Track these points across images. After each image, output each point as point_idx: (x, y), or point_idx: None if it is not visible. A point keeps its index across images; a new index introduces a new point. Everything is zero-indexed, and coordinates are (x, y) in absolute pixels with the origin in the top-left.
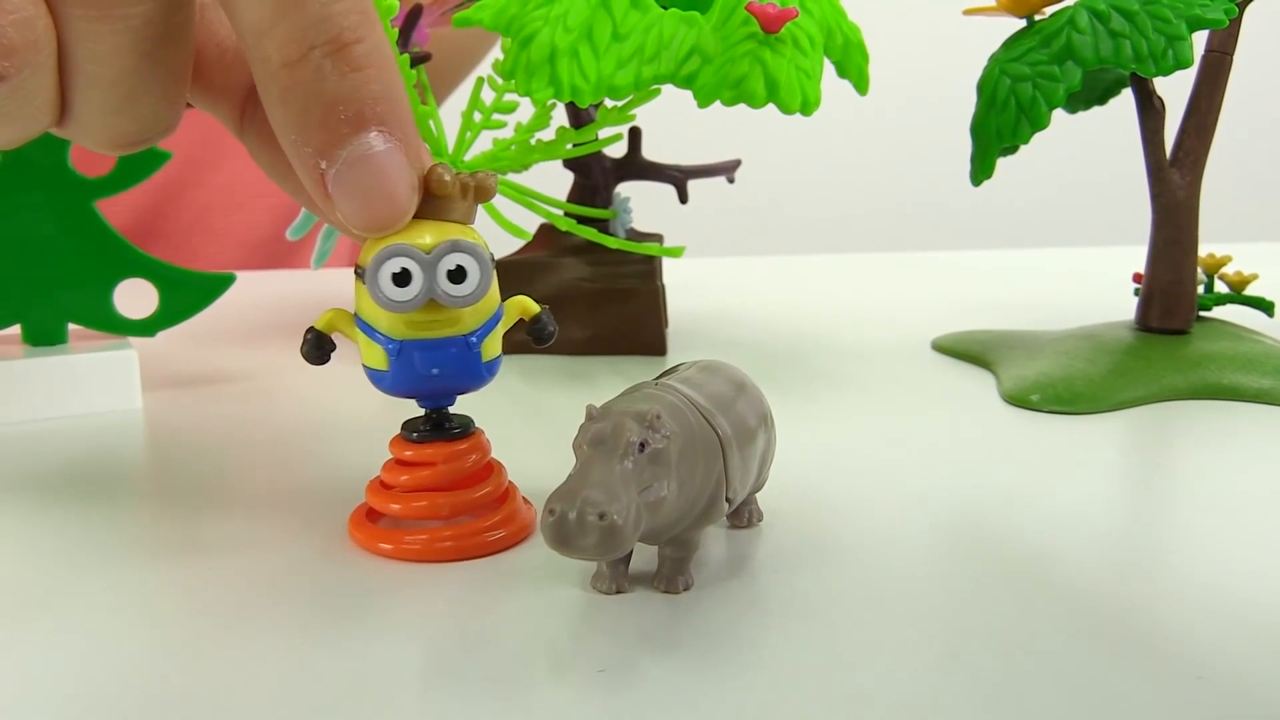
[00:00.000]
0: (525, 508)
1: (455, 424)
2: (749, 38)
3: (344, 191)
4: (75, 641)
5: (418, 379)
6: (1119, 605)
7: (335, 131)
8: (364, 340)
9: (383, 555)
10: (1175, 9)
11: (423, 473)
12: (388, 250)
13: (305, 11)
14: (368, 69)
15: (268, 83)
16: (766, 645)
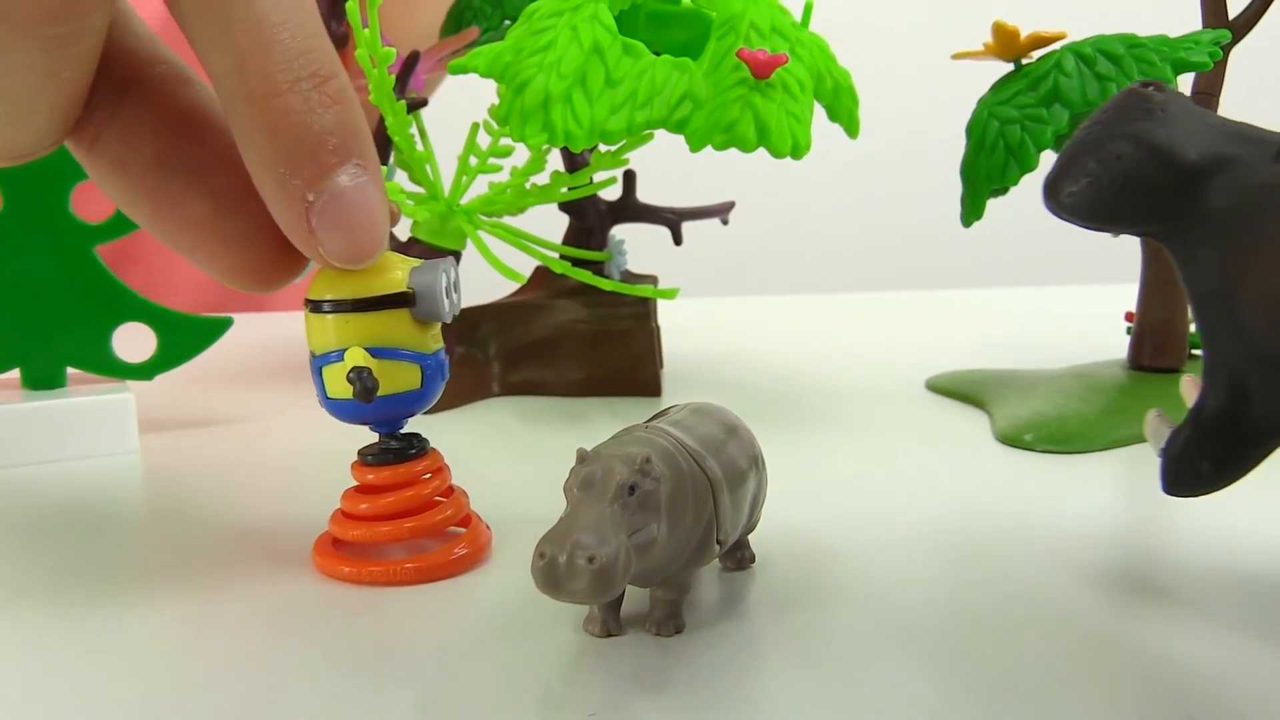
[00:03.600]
0: (485, 532)
1: (416, 443)
2: (740, 83)
3: (329, 224)
4: (69, 683)
5: (439, 387)
6: (1114, 646)
7: (323, 162)
8: (394, 367)
9: (346, 579)
10: (1160, 52)
11: (393, 496)
12: (440, 265)
13: (289, 46)
14: (345, 102)
15: (253, 115)
16: (759, 688)
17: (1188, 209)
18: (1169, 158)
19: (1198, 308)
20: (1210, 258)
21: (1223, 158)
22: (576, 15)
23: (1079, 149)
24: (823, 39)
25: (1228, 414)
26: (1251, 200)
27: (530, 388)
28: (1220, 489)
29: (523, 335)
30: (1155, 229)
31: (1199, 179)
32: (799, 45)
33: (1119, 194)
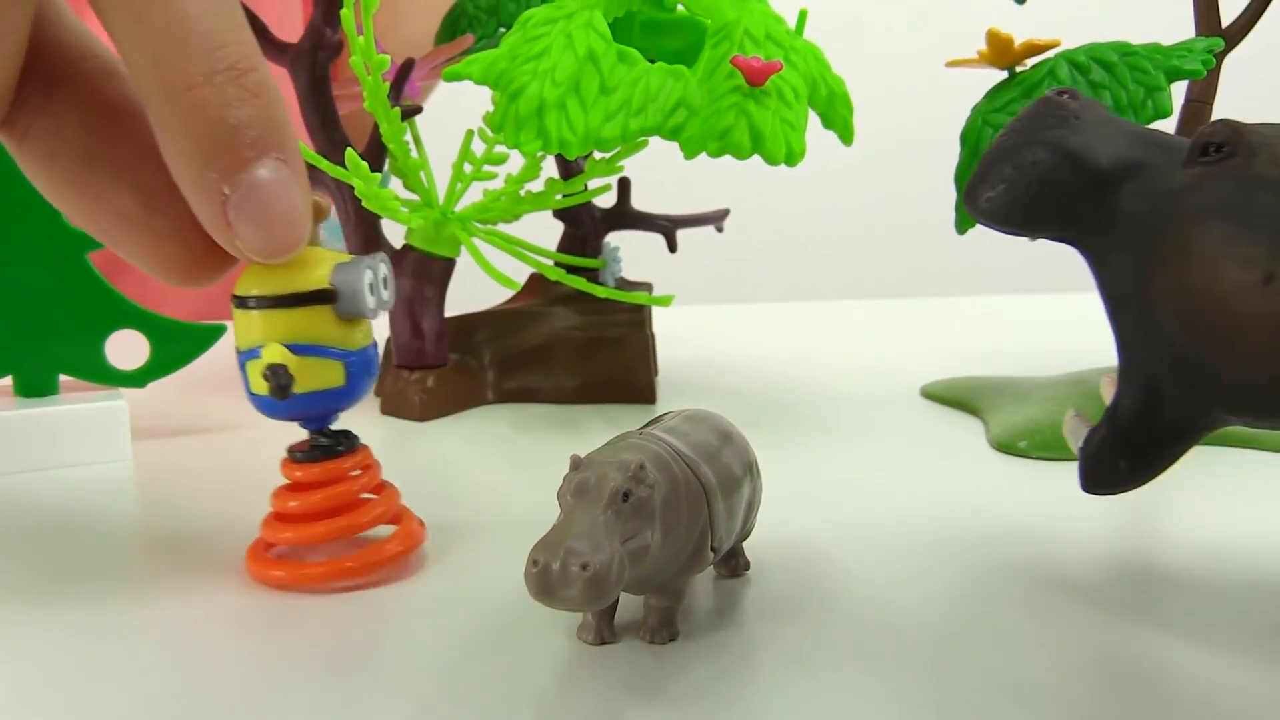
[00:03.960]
0: (419, 526)
1: (346, 440)
2: (734, 90)
3: (246, 218)
4: (60, 688)
5: (366, 384)
6: (1109, 652)
7: (239, 156)
8: (314, 364)
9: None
10: (1154, 60)
11: (323, 492)
12: (363, 262)
13: (205, 39)
14: (262, 96)
15: (168, 109)
16: (754, 696)
17: (1101, 214)
18: (1082, 164)
19: (1112, 310)
20: (1123, 261)
21: (1134, 163)
22: (571, 23)
23: (996, 155)
24: (817, 46)
25: (1142, 414)
26: (1162, 205)
27: (525, 395)
28: (1136, 487)
29: (517, 342)
30: (1070, 234)
31: (1111, 184)
32: (793, 52)
33: (1035, 199)
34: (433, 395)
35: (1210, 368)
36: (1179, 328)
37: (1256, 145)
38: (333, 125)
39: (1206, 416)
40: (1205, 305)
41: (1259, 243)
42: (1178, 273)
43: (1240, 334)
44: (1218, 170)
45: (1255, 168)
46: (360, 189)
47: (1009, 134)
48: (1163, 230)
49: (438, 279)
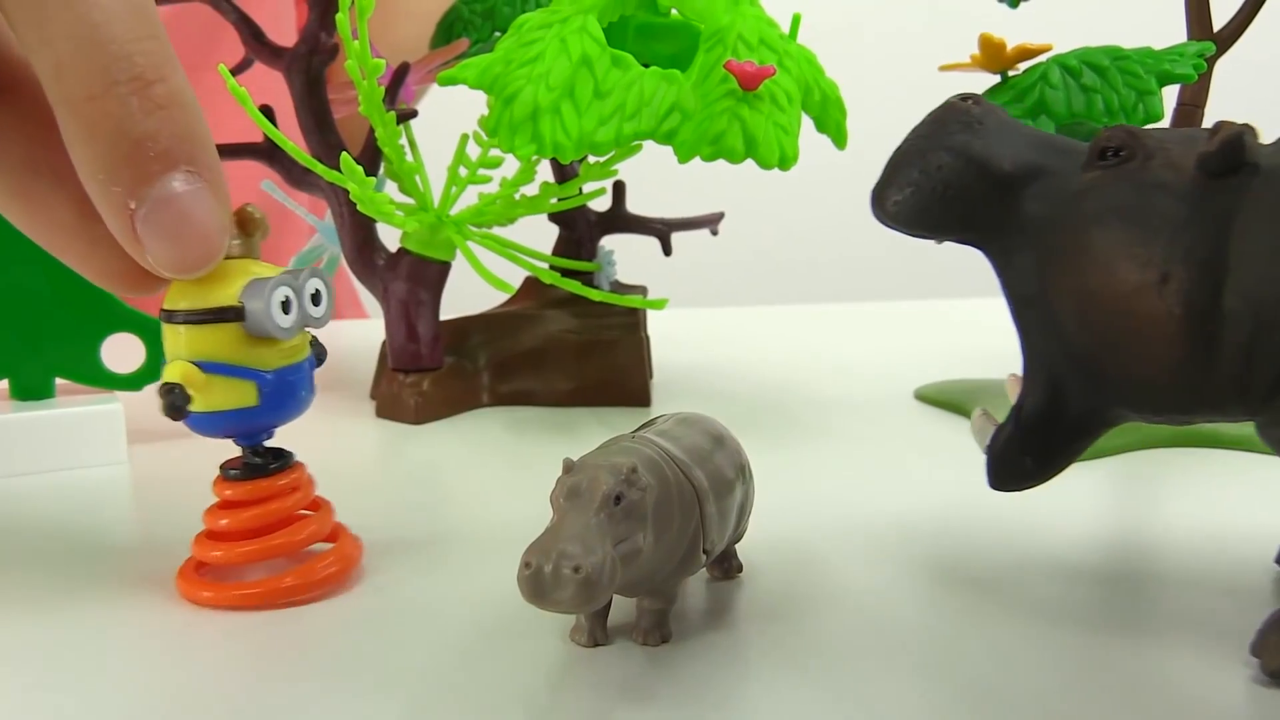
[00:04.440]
0: (355, 544)
1: (279, 457)
2: (728, 95)
3: (154, 232)
4: (54, 688)
5: (290, 405)
6: (1102, 651)
7: (144, 169)
8: (219, 384)
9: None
10: (1145, 64)
11: (252, 511)
12: (273, 281)
13: (108, 49)
14: (172, 107)
15: (71, 119)
16: (746, 698)
17: (1005, 217)
18: (986, 168)
19: (1016, 311)
20: (1026, 263)
21: (1036, 167)
22: (565, 28)
23: (902, 159)
24: (811, 51)
25: (1047, 411)
26: (1063, 207)
27: (519, 398)
28: (1042, 483)
29: (512, 346)
30: (974, 236)
31: (1014, 188)
32: (787, 57)
33: (940, 203)
34: (428, 398)
35: (1112, 365)
36: (1081, 326)
37: (1153, 149)
38: (328, 129)
39: (1108, 412)
40: (1106, 305)
41: (1156, 244)
42: (1079, 273)
43: (1139, 332)
44: (1115, 174)
45: (1151, 171)
46: (355, 193)
47: (914, 139)
48: (1064, 232)
49: (433, 282)
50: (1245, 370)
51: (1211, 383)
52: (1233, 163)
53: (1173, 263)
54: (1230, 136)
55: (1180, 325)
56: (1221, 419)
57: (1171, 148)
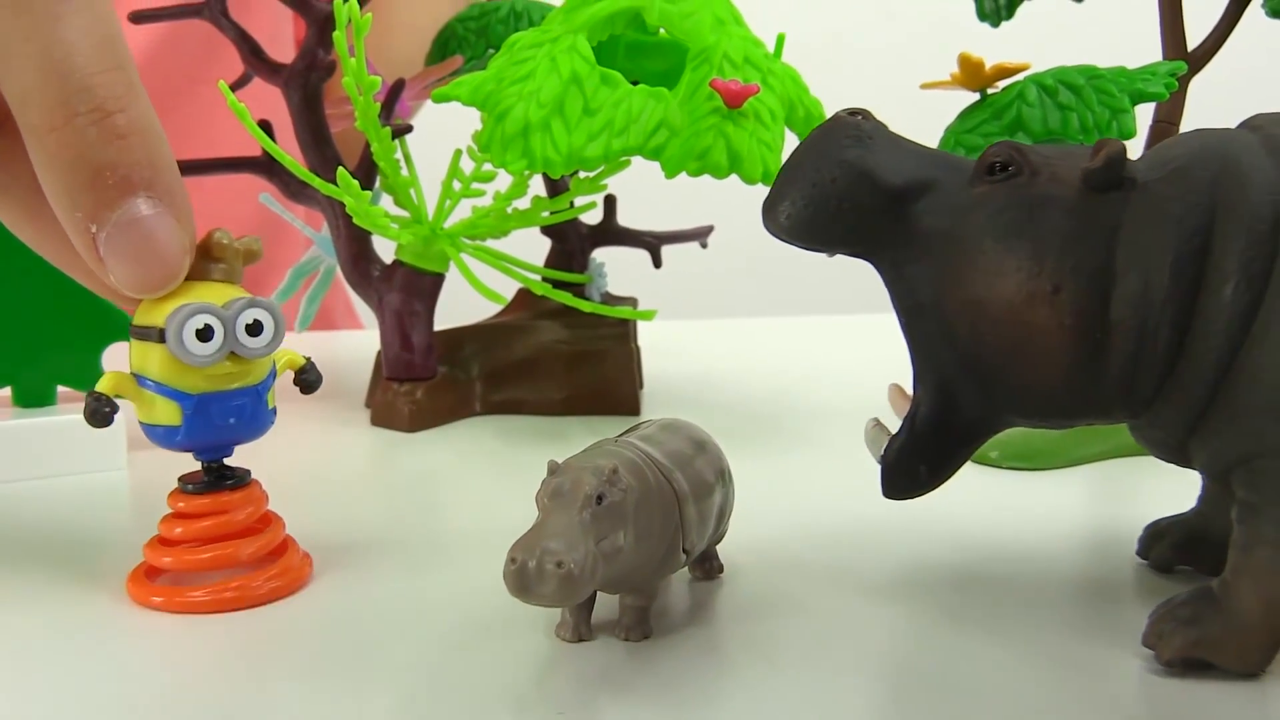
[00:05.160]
0: (301, 559)
1: (232, 475)
2: (713, 112)
3: (115, 254)
4: (56, 692)
5: (213, 430)
6: (1072, 656)
7: (103, 196)
8: (150, 399)
9: (159, 609)
10: (1118, 83)
11: (203, 524)
12: (190, 308)
13: (68, 80)
14: (131, 136)
15: (36, 147)
16: (722, 691)
17: (895, 230)
18: (878, 182)
19: (907, 321)
20: (919, 275)
21: (925, 182)
22: (556, 46)
23: (794, 172)
24: (795, 70)
25: (939, 419)
26: (956, 221)
27: (512, 407)
28: (933, 490)
29: (504, 356)
30: (865, 249)
31: (905, 201)
32: (771, 75)
33: (833, 216)
34: (422, 407)
35: (1005, 373)
36: (974, 336)
37: (1038, 165)
38: (325, 143)
39: (998, 420)
40: (999, 315)
41: (1046, 256)
42: (973, 285)
43: (1032, 341)
44: (1005, 189)
45: (1039, 186)
46: (351, 206)
47: (804, 152)
48: (957, 245)
49: (427, 294)
50: (1131, 376)
51: (1100, 388)
52: (1115, 178)
53: (1063, 274)
54: (1113, 154)
55: (1071, 334)
56: (1105, 422)
57: (1056, 163)
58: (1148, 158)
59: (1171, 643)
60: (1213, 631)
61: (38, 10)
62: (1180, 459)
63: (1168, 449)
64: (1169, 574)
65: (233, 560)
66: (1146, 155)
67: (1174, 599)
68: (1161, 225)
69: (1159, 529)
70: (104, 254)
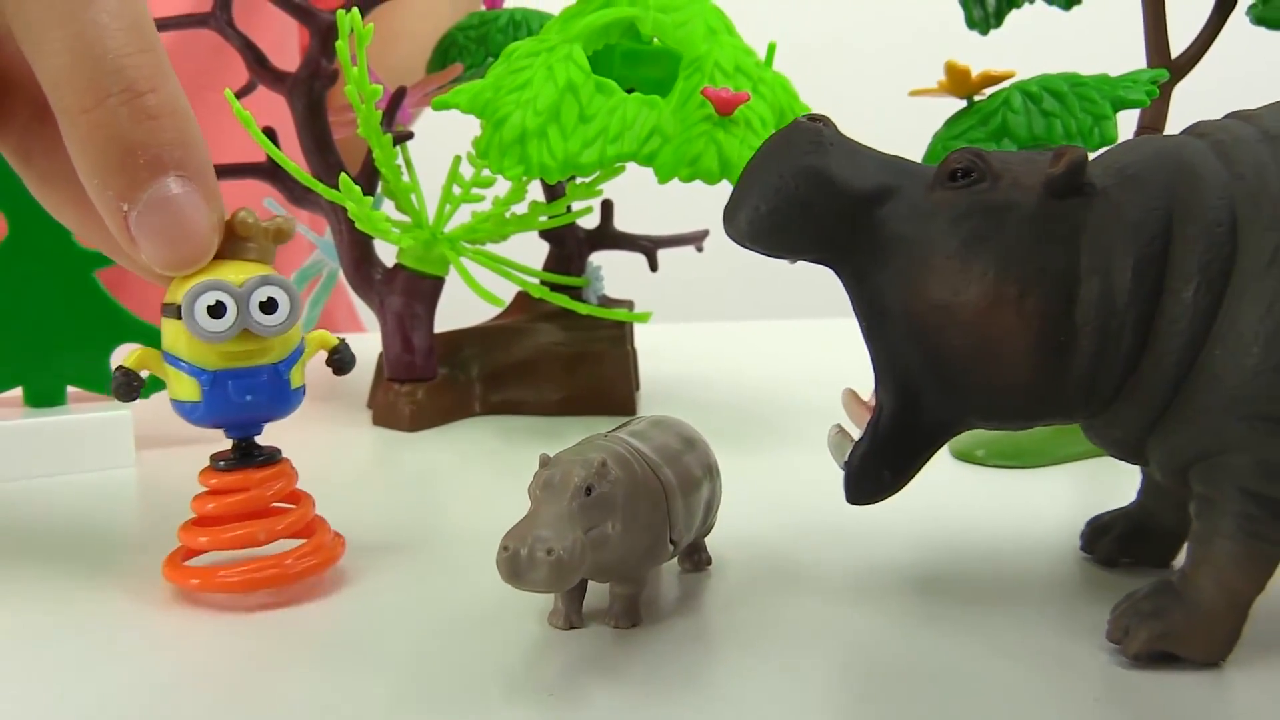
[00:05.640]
0: (334, 539)
1: (262, 453)
2: (705, 119)
3: (146, 232)
4: (67, 682)
5: (232, 406)
6: (1049, 646)
7: (135, 175)
8: (174, 375)
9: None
10: (1100, 90)
11: (234, 499)
12: (202, 285)
13: (101, 62)
14: (162, 117)
15: (69, 129)
16: (710, 676)
17: (858, 236)
18: (840, 187)
19: (869, 326)
20: (881, 280)
21: (887, 188)
22: (552, 56)
23: (755, 179)
24: (785, 78)
25: (902, 423)
26: (919, 227)
27: (510, 407)
28: (895, 493)
29: (503, 357)
30: (827, 256)
31: (868, 207)
32: (761, 84)
33: (793, 222)
34: (422, 407)
35: (969, 376)
36: (940, 341)
37: (999, 171)
38: (328, 149)
39: (959, 422)
40: (965, 320)
41: (1011, 261)
42: (939, 290)
43: (999, 345)
44: (968, 195)
45: (1000, 192)
46: (353, 211)
47: (765, 158)
48: (923, 251)
49: (427, 296)
50: (1094, 376)
51: (1063, 389)
52: (1076, 184)
53: (1028, 279)
54: (1075, 161)
55: (1037, 338)
56: (1064, 422)
57: (1017, 169)
58: (1101, 163)
59: (1137, 637)
60: (1176, 624)
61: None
62: (1135, 457)
63: (1124, 447)
64: (1114, 568)
65: (265, 536)
66: (1100, 161)
67: (1135, 594)
68: (1122, 230)
69: (1101, 524)
70: (135, 232)
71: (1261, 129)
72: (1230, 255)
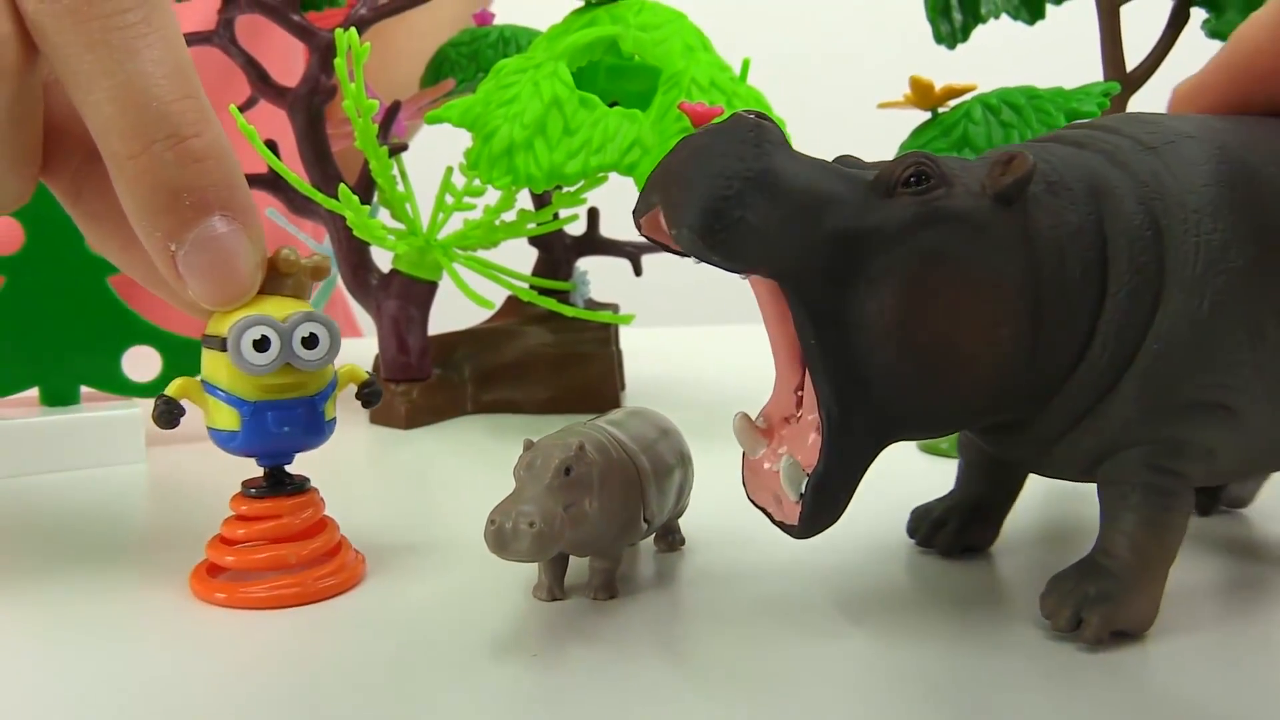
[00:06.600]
0: (355, 559)
1: (292, 481)
2: (681, 132)
3: (193, 270)
4: (73, 672)
5: (269, 437)
6: (1015, 635)
7: (181, 216)
8: (214, 404)
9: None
10: (1055, 103)
11: (263, 526)
12: (248, 320)
13: (146, 109)
14: (207, 160)
15: (117, 174)
16: (681, 643)
17: (807, 244)
18: (791, 192)
19: (817, 335)
20: (833, 292)
21: (832, 194)
22: (538, 72)
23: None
24: (759, 92)
25: (854, 439)
26: (875, 236)
27: (501, 406)
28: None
29: (494, 358)
30: (776, 264)
31: (820, 214)
32: (736, 98)
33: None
34: (417, 406)
35: (929, 385)
36: (902, 354)
37: (950, 177)
38: (327, 161)
39: (888, 438)
40: (929, 330)
41: (975, 270)
42: (905, 299)
43: (962, 354)
44: (922, 201)
45: (956, 199)
46: (351, 219)
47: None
48: (887, 260)
49: (422, 300)
50: (1040, 380)
51: (1015, 393)
52: (1022, 192)
53: (990, 286)
54: (1028, 171)
55: (1007, 344)
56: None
57: (960, 174)
58: None
59: (1091, 623)
60: (1120, 601)
61: (115, 45)
62: (1036, 464)
63: (1027, 451)
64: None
65: (289, 561)
66: None
67: (1064, 579)
68: (1064, 236)
69: (936, 518)
70: (183, 271)
71: (1135, 140)
72: (1159, 257)
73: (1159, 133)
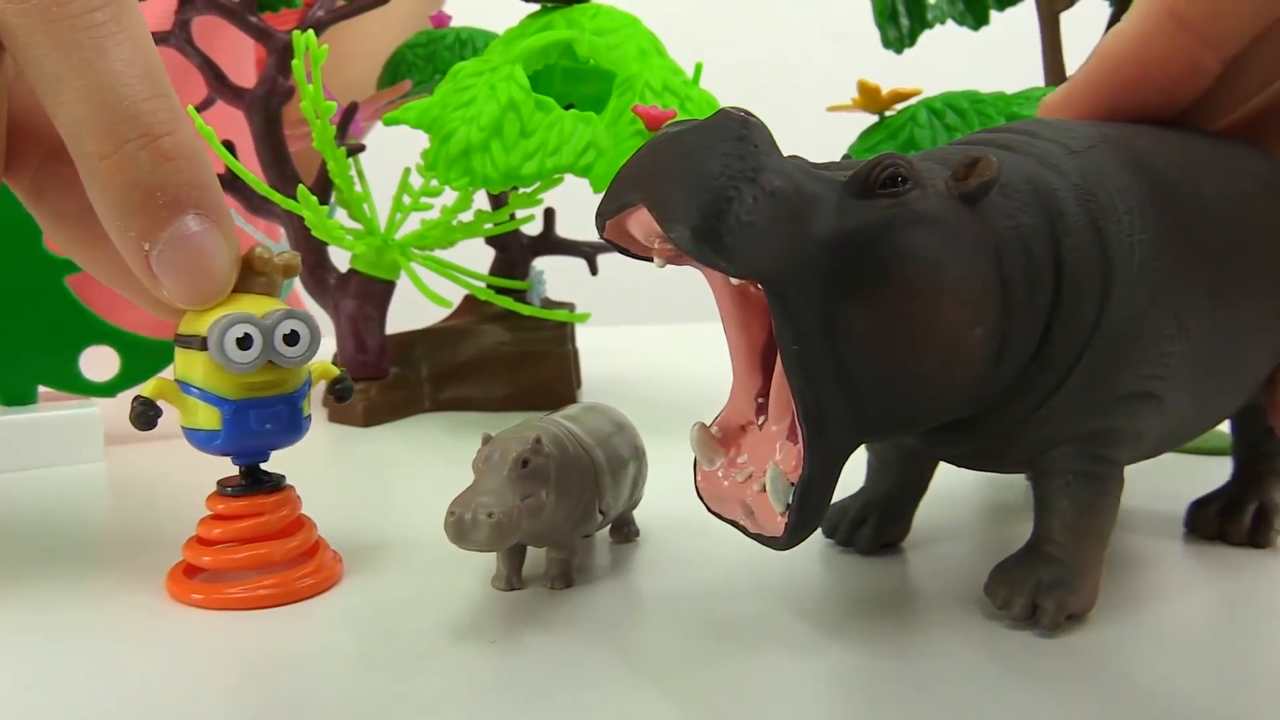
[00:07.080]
0: (333, 558)
1: (270, 479)
2: (636, 134)
3: (167, 270)
4: (34, 674)
5: (251, 435)
6: (961, 615)
7: (155, 216)
8: (193, 404)
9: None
10: (997, 107)
11: (240, 525)
12: (231, 318)
13: (117, 109)
14: (179, 159)
15: (89, 174)
16: (632, 628)
17: (792, 245)
18: (786, 192)
19: (800, 341)
20: (813, 293)
21: (813, 194)
22: (495, 75)
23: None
24: (711, 95)
25: (836, 446)
26: (856, 238)
27: (458, 404)
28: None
29: (452, 357)
30: (768, 267)
31: (802, 214)
32: (689, 101)
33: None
34: (375, 404)
35: (906, 391)
36: (884, 357)
37: (922, 178)
38: (284, 162)
39: (856, 444)
40: (912, 331)
41: (956, 271)
42: (888, 302)
43: (945, 353)
44: (901, 203)
45: (929, 200)
46: (309, 219)
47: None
48: (871, 263)
49: (379, 299)
50: (1004, 378)
51: (984, 392)
52: (989, 193)
53: (965, 285)
54: (995, 173)
55: (980, 342)
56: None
57: (928, 175)
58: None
59: (1047, 609)
60: (1071, 584)
61: (85, 45)
62: (974, 459)
63: (969, 448)
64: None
65: (268, 560)
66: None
67: (1009, 568)
68: (1023, 236)
69: (854, 516)
70: (157, 270)
71: (1061, 145)
72: (1104, 256)
73: (1078, 138)
